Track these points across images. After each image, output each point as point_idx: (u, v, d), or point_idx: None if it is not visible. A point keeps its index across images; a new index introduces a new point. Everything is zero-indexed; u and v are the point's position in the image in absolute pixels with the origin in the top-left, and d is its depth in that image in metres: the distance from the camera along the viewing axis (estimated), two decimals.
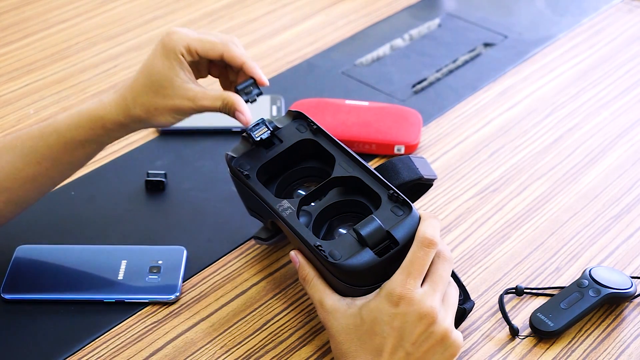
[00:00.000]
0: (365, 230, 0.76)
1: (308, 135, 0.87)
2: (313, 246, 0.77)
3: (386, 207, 0.79)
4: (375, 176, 0.81)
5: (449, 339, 0.75)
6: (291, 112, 0.89)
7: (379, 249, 0.76)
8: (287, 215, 0.81)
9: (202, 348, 0.84)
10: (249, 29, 1.34)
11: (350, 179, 0.83)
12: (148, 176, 1.02)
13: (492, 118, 1.16)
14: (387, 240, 0.76)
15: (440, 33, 1.34)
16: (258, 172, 0.85)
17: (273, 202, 0.82)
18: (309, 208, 0.83)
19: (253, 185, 0.84)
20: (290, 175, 0.88)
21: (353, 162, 0.83)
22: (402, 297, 0.73)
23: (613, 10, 1.40)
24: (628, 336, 0.86)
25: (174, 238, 0.95)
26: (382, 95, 1.19)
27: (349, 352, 0.76)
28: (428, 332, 0.74)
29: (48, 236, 0.94)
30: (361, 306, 0.75)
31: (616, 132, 1.13)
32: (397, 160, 0.85)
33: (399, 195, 0.79)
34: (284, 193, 0.88)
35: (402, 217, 0.77)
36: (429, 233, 0.75)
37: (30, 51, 1.28)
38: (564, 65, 1.26)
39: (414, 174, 0.83)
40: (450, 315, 0.76)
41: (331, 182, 0.84)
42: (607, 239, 0.97)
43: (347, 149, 0.84)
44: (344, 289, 0.77)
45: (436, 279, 0.75)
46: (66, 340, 0.84)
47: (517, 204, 1.01)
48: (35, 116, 1.14)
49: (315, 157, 0.88)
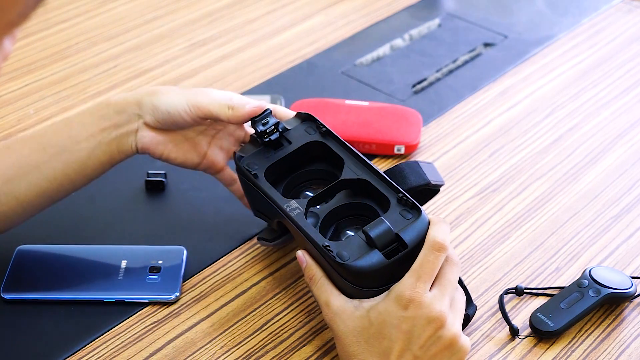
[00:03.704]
0: (375, 232, 0.76)
1: (317, 138, 0.87)
2: (321, 246, 0.77)
3: (395, 210, 0.78)
4: (385, 179, 0.81)
5: (457, 343, 0.74)
6: (300, 114, 0.89)
7: (387, 251, 0.75)
8: (295, 215, 0.81)
9: (202, 348, 0.84)
10: (249, 29, 1.34)
11: (358, 182, 0.83)
12: (148, 176, 1.02)
13: (492, 118, 1.16)
14: (396, 242, 0.76)
15: (440, 33, 1.34)
16: (266, 173, 0.85)
17: (281, 202, 0.82)
18: (317, 210, 0.83)
19: (261, 185, 0.84)
20: (297, 176, 0.88)
21: (362, 164, 0.83)
22: (411, 301, 0.73)
23: (613, 10, 1.40)
24: (628, 336, 0.86)
25: (174, 238, 0.95)
26: (382, 95, 1.19)
27: (355, 355, 0.75)
28: (436, 336, 0.74)
29: (48, 236, 0.94)
30: (369, 308, 0.75)
31: (616, 132, 1.13)
32: (404, 165, 0.84)
33: (408, 199, 0.78)
34: (291, 194, 0.88)
35: (411, 220, 0.77)
36: (440, 237, 0.75)
37: (30, 51, 1.28)
38: (564, 65, 1.26)
39: (421, 179, 0.83)
40: (458, 320, 0.76)
41: (340, 184, 0.83)
42: (607, 239, 0.97)
43: (357, 152, 0.84)
44: (351, 291, 0.77)
45: (445, 284, 0.75)
46: (66, 340, 0.84)
47: (517, 204, 1.01)
48: (35, 116, 1.14)
49: (323, 159, 0.88)
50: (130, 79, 1.22)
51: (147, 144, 0.88)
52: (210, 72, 1.24)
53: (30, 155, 0.87)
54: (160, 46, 1.29)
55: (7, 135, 1.11)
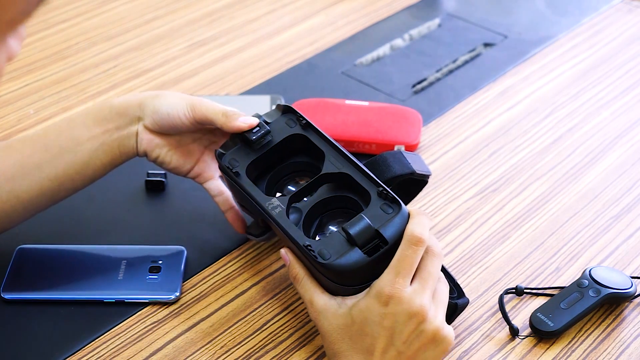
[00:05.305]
0: (354, 230, 0.76)
1: (297, 130, 0.86)
2: (302, 246, 0.77)
3: (375, 205, 0.78)
4: (365, 173, 0.81)
5: (440, 335, 0.75)
6: (280, 106, 0.88)
7: (368, 248, 0.76)
8: (276, 214, 0.81)
9: (202, 348, 0.84)
10: (249, 29, 1.34)
11: (339, 175, 0.83)
12: (148, 176, 1.02)
13: (492, 118, 1.16)
14: (376, 239, 0.76)
15: (440, 33, 1.34)
16: (248, 169, 0.85)
17: (262, 201, 0.82)
18: (300, 205, 0.83)
19: (242, 183, 0.84)
20: (280, 170, 0.88)
21: (343, 157, 0.83)
22: (391, 297, 0.73)
23: (613, 11, 1.39)
24: (628, 336, 0.86)
25: (174, 238, 0.95)
26: (382, 95, 1.19)
27: (340, 352, 0.76)
28: (419, 331, 0.74)
29: (48, 236, 0.94)
30: (351, 306, 0.76)
31: (616, 132, 1.13)
32: (388, 155, 0.84)
33: (388, 193, 0.78)
34: (275, 188, 0.88)
35: (391, 215, 0.77)
36: (417, 231, 0.75)
37: (30, 51, 1.28)
38: (564, 65, 1.26)
39: (406, 168, 0.83)
40: (440, 312, 0.76)
41: (321, 179, 0.83)
42: (607, 239, 0.97)
43: (337, 145, 0.84)
44: (334, 289, 0.77)
45: (425, 276, 0.75)
46: (66, 340, 0.84)
47: (517, 204, 1.01)
48: (35, 116, 1.14)
49: (305, 152, 0.87)
50: (130, 79, 1.22)
51: (145, 147, 0.89)
52: (210, 72, 1.24)
53: (32, 154, 0.87)
54: (160, 46, 1.29)
55: (7, 135, 1.11)
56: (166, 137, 0.90)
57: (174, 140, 0.90)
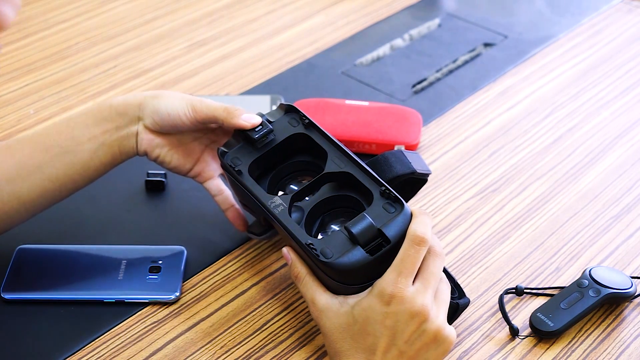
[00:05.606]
0: (357, 229, 0.76)
1: (300, 130, 0.86)
2: (304, 244, 0.77)
3: (378, 204, 0.78)
4: (368, 172, 0.81)
5: (442, 335, 0.75)
6: (283, 105, 0.88)
7: (370, 247, 0.76)
8: (278, 213, 0.81)
9: (202, 348, 0.84)
10: (249, 29, 1.34)
11: (342, 175, 0.83)
12: (148, 176, 1.02)
13: (492, 118, 1.16)
14: (378, 238, 0.76)
15: (440, 33, 1.34)
16: (250, 167, 0.85)
17: (265, 199, 0.82)
18: (302, 203, 0.83)
19: (245, 182, 0.84)
20: (282, 169, 0.88)
21: (345, 157, 0.83)
22: (393, 296, 0.73)
23: (613, 11, 1.40)
24: (628, 336, 0.86)
25: (174, 238, 0.95)
26: (382, 95, 1.19)
27: (342, 351, 0.76)
28: (420, 330, 0.74)
29: (48, 236, 0.94)
30: (353, 305, 0.76)
31: (616, 132, 1.13)
32: (389, 154, 0.84)
33: (390, 192, 0.78)
34: (277, 187, 0.88)
35: (394, 214, 0.77)
36: (419, 231, 0.75)
37: (30, 51, 1.28)
38: (564, 65, 1.26)
39: (406, 168, 0.83)
40: (442, 312, 0.76)
41: (323, 178, 0.83)
42: (607, 239, 0.97)
43: (339, 144, 0.84)
44: (336, 287, 0.77)
45: (427, 276, 0.75)
46: (66, 340, 0.84)
47: (517, 204, 1.01)
48: (35, 116, 1.14)
49: (307, 151, 0.87)
50: (130, 79, 1.22)
51: (145, 147, 0.89)
52: (210, 72, 1.24)
53: (32, 155, 0.87)
54: (160, 46, 1.29)
55: (7, 135, 1.11)
56: (166, 136, 0.90)
57: (174, 140, 0.90)
